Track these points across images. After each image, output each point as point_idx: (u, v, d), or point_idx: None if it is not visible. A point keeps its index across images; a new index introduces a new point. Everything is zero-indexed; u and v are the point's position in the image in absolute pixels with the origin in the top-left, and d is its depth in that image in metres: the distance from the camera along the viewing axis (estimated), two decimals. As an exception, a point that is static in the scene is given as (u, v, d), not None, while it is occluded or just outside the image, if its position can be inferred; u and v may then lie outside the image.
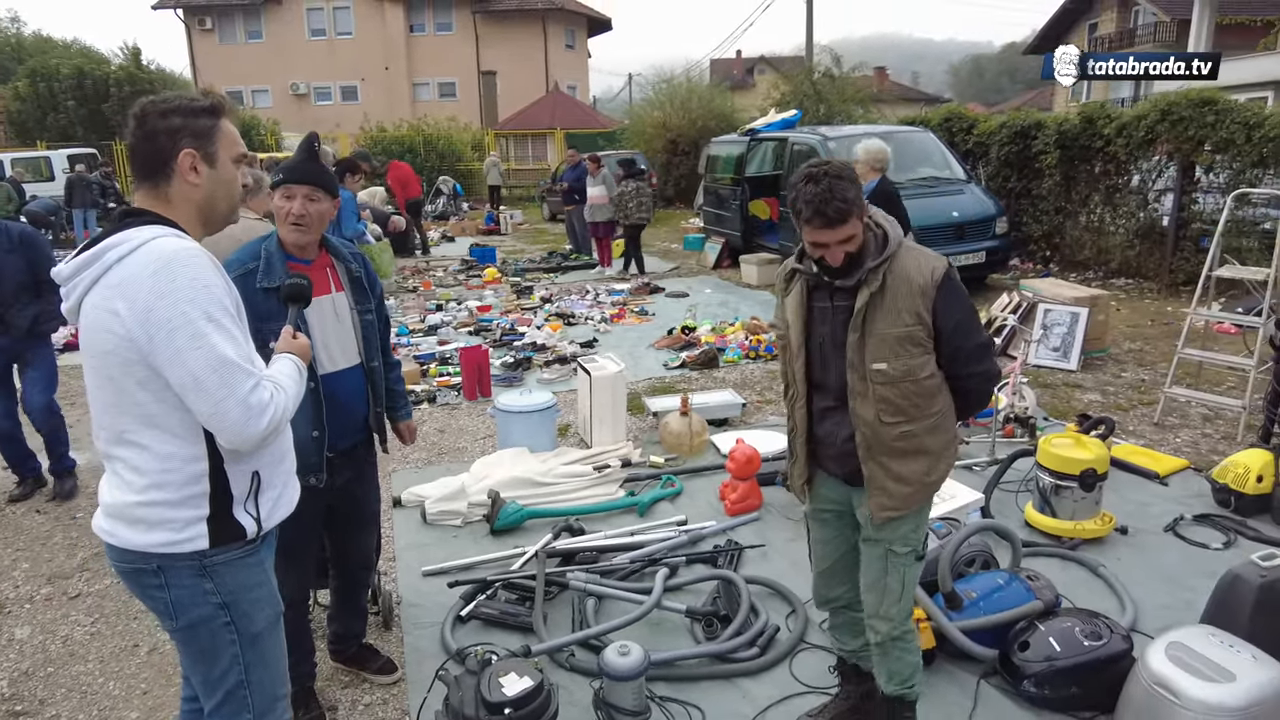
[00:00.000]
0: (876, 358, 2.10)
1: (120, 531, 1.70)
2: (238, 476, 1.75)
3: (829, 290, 2.18)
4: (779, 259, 10.51)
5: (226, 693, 1.83)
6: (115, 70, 26.53)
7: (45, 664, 3.14)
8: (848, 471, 2.27)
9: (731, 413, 5.44)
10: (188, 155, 1.70)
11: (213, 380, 1.59)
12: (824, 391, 2.26)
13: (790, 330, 2.25)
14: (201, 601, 1.75)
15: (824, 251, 2.08)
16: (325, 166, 2.57)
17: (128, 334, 1.59)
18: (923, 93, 46.11)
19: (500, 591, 3.36)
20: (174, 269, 1.59)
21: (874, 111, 19.92)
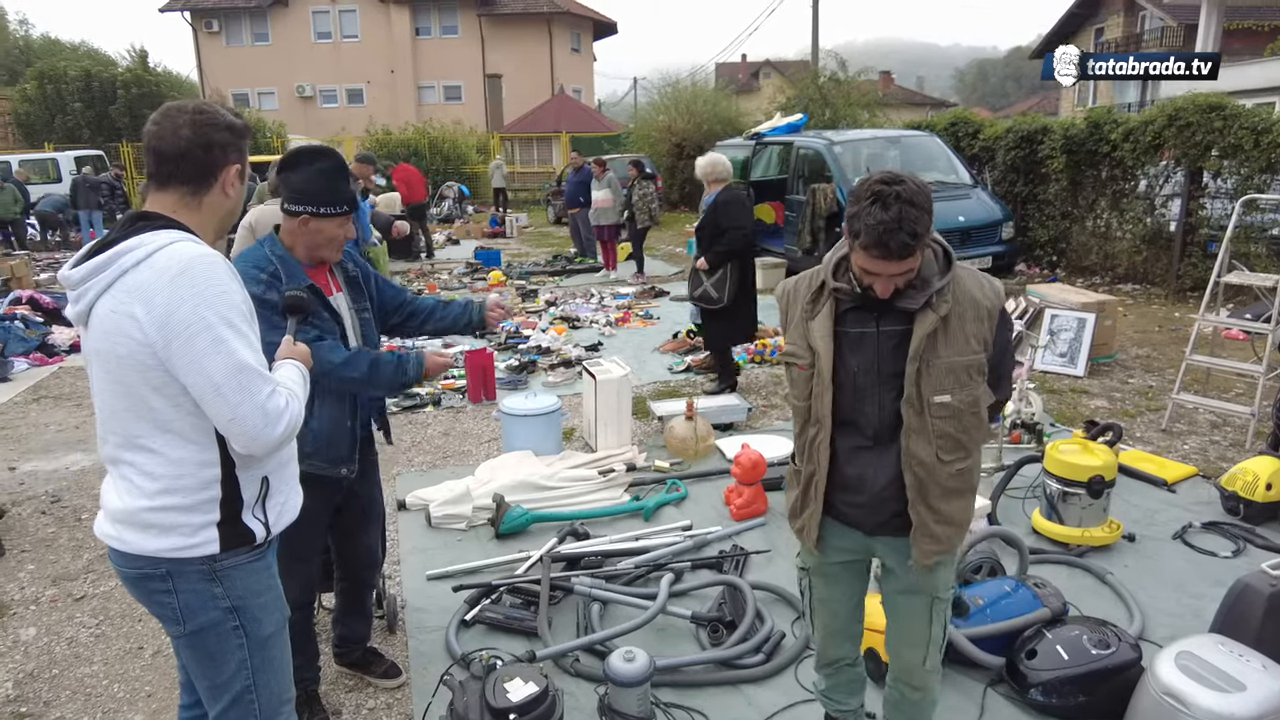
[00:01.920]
0: (940, 389, 1.85)
1: (128, 536, 1.70)
2: (248, 481, 1.75)
3: (873, 313, 1.90)
4: (784, 263, 10.53)
5: (233, 698, 1.82)
6: (122, 73, 26.67)
7: (50, 665, 3.14)
8: (877, 522, 2.00)
9: (737, 417, 5.43)
10: (235, 170, 1.77)
11: (231, 386, 1.60)
12: (855, 430, 1.96)
13: (821, 359, 1.92)
14: (211, 606, 1.75)
15: (873, 280, 1.82)
16: (353, 190, 2.58)
17: (145, 338, 1.59)
18: (928, 97, 46.10)
19: (505, 596, 3.35)
20: (193, 274, 1.59)
21: (879, 116, 19.90)
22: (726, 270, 5.63)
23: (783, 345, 2.08)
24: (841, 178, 9.44)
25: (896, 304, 1.86)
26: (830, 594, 2.21)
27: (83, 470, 5.11)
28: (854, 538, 2.08)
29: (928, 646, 2.10)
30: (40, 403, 6.67)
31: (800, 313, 2.00)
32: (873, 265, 1.79)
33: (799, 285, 2.04)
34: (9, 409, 6.52)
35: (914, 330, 1.85)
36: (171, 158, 1.70)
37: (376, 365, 2.45)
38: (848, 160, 9.77)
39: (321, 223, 2.41)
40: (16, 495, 4.77)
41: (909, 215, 1.73)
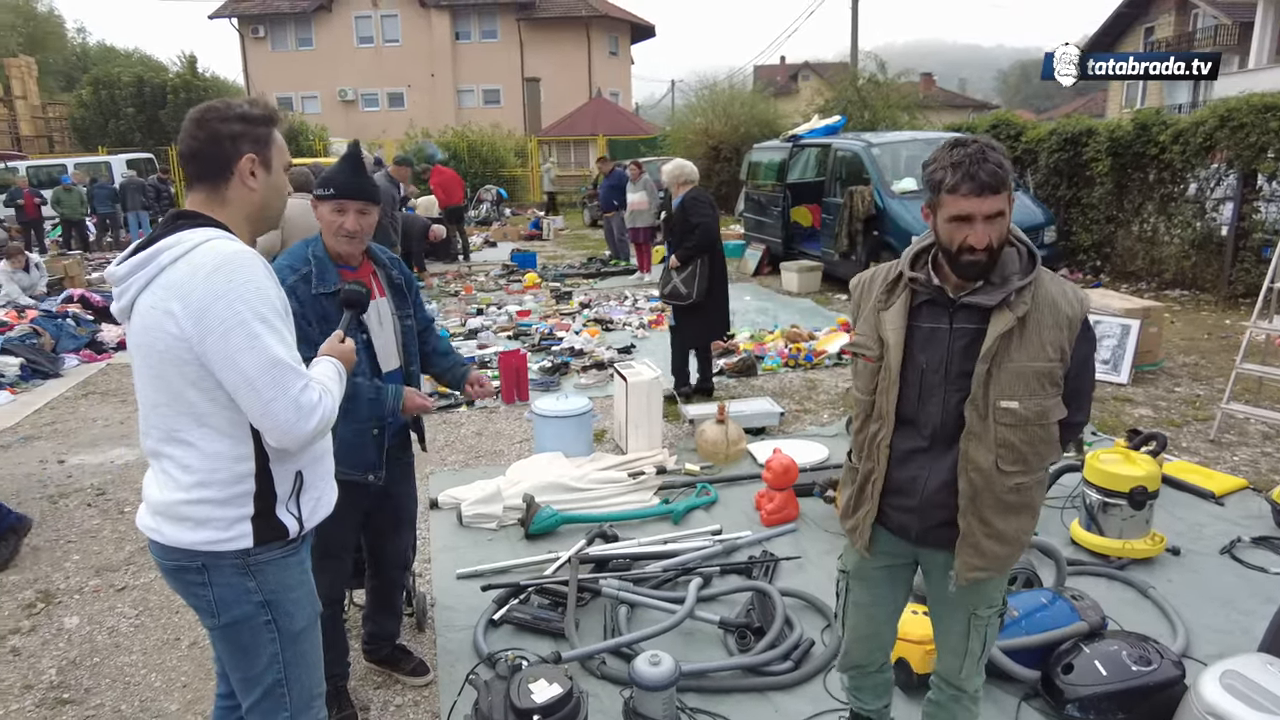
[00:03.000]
0: (1007, 394, 1.78)
1: (166, 529, 1.73)
2: (282, 476, 1.77)
3: (946, 309, 1.84)
4: (820, 266, 10.43)
5: (265, 690, 1.85)
6: (172, 78, 27.41)
7: (92, 654, 3.22)
8: (924, 528, 1.93)
9: (769, 421, 5.38)
10: (249, 160, 1.75)
11: (265, 380, 1.62)
12: (913, 430, 1.90)
13: (890, 352, 1.87)
14: (244, 600, 1.77)
15: (966, 231, 1.72)
16: (373, 179, 2.60)
17: (181, 333, 1.61)
18: (970, 99, 45.43)
19: (533, 596, 3.36)
20: (229, 270, 1.62)
21: (919, 118, 19.66)
22: (696, 267, 5.65)
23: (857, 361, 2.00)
24: (880, 180, 9.33)
25: (973, 299, 1.80)
26: (867, 599, 2.16)
27: (127, 464, 5.24)
28: (900, 544, 2.02)
29: (964, 658, 2.06)
30: (89, 398, 6.87)
31: (873, 304, 1.94)
32: (965, 205, 1.71)
33: (875, 276, 1.99)
34: (59, 404, 6.72)
35: (988, 329, 1.78)
36: (189, 158, 1.74)
37: (354, 397, 2.40)
38: (886, 162, 9.65)
39: (321, 207, 2.46)
40: (65, 487, 4.91)
41: (990, 149, 1.72)
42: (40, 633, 3.38)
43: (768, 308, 9.48)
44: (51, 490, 4.87)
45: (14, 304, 9.17)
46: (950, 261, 1.80)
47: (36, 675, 3.09)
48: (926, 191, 1.81)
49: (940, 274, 1.85)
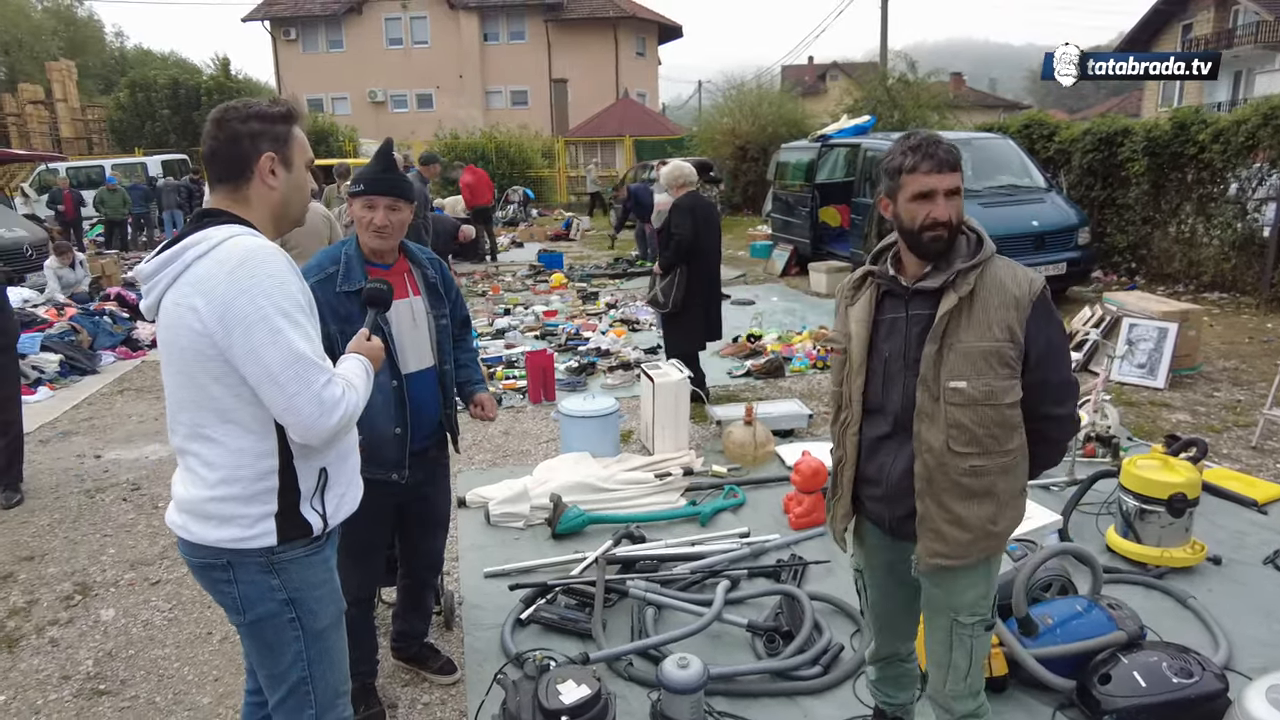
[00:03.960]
0: (955, 374, 1.83)
1: (192, 526, 1.74)
2: (306, 473, 1.77)
3: (904, 298, 1.93)
4: (849, 267, 10.34)
5: (290, 688, 1.86)
6: (206, 80, 27.84)
7: (127, 646, 3.28)
8: (896, 517, 1.99)
9: (798, 424, 5.34)
10: (268, 159, 1.75)
11: (288, 375, 1.62)
12: (880, 417, 1.98)
13: (853, 343, 1.99)
14: (268, 597, 1.77)
15: (928, 208, 1.82)
16: (404, 176, 2.61)
17: (205, 329, 1.62)
18: (1001, 99, 44.84)
19: (560, 596, 3.36)
20: (251, 266, 1.62)
21: (950, 118, 19.42)
22: (675, 275, 5.54)
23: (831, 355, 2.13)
24: (909, 181, 9.22)
25: (923, 284, 1.90)
26: (879, 594, 2.21)
27: (160, 460, 5.32)
28: (887, 540, 2.09)
29: (946, 671, 2.03)
30: (124, 394, 6.99)
31: (843, 301, 2.10)
32: (926, 181, 1.83)
33: (849, 278, 2.12)
34: (96, 400, 6.85)
35: (936, 312, 1.87)
36: (209, 159, 1.75)
37: None
38: (916, 163, 9.53)
39: (354, 204, 2.50)
40: (101, 482, 5.00)
41: (942, 140, 1.87)
42: (78, 624, 3.44)
43: (795, 309, 9.42)
44: (89, 485, 4.97)
45: (54, 302, 9.37)
46: (913, 243, 1.90)
47: (74, 666, 3.15)
48: (886, 183, 1.93)
49: (897, 267, 1.97)
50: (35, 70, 32.41)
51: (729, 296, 10.07)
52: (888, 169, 1.91)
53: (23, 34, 37.39)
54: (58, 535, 4.29)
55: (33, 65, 34.24)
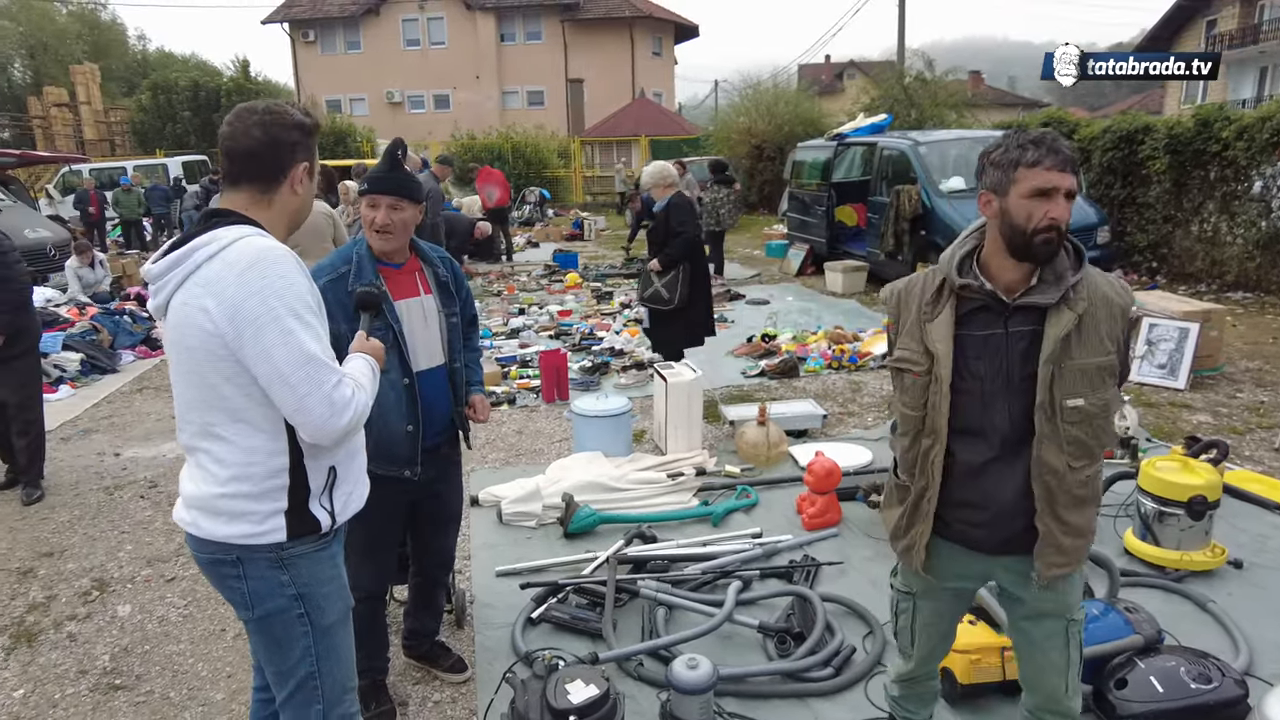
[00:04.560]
0: (1073, 393, 1.74)
1: (202, 522, 1.75)
2: (315, 471, 1.79)
3: (1000, 313, 1.78)
4: (865, 266, 10.28)
5: (298, 683, 1.87)
6: (226, 82, 28.13)
7: (143, 641, 3.31)
8: (1001, 540, 1.87)
9: (811, 424, 5.31)
10: (304, 169, 1.82)
11: (299, 375, 1.63)
12: (979, 440, 1.83)
13: (940, 364, 1.80)
14: (277, 593, 1.79)
15: (1047, 206, 1.69)
16: (410, 175, 2.61)
17: (216, 330, 1.63)
18: (1020, 97, 44.41)
19: (571, 595, 3.36)
20: (262, 267, 1.64)
21: (968, 117, 19.27)
22: (678, 272, 5.54)
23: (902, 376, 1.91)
24: (926, 179, 9.16)
25: (1030, 300, 1.75)
26: (933, 618, 2.10)
27: (178, 458, 5.37)
28: (970, 561, 1.95)
29: (1067, 672, 1.98)
30: (143, 393, 7.07)
31: (915, 315, 1.87)
32: (1049, 178, 1.68)
33: (912, 286, 1.91)
34: (116, 398, 6.93)
35: (1047, 330, 1.74)
36: (242, 157, 1.75)
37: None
38: (933, 161, 9.47)
39: (362, 204, 2.54)
40: (120, 479, 5.06)
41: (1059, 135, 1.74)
42: (95, 620, 3.48)
43: (811, 308, 9.37)
44: (108, 482, 5.03)
45: (75, 301, 9.49)
46: (1020, 245, 1.73)
47: (91, 661, 3.18)
48: (993, 176, 1.76)
49: (990, 277, 1.80)
50: (60, 73, 32.89)
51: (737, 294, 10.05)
52: (998, 161, 1.76)
53: (48, 38, 37.95)
54: (77, 532, 4.35)
55: (57, 68, 34.75)
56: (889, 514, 2.05)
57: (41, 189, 19.43)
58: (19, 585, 3.79)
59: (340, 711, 1.93)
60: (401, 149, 2.65)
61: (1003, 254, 1.78)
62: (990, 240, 1.81)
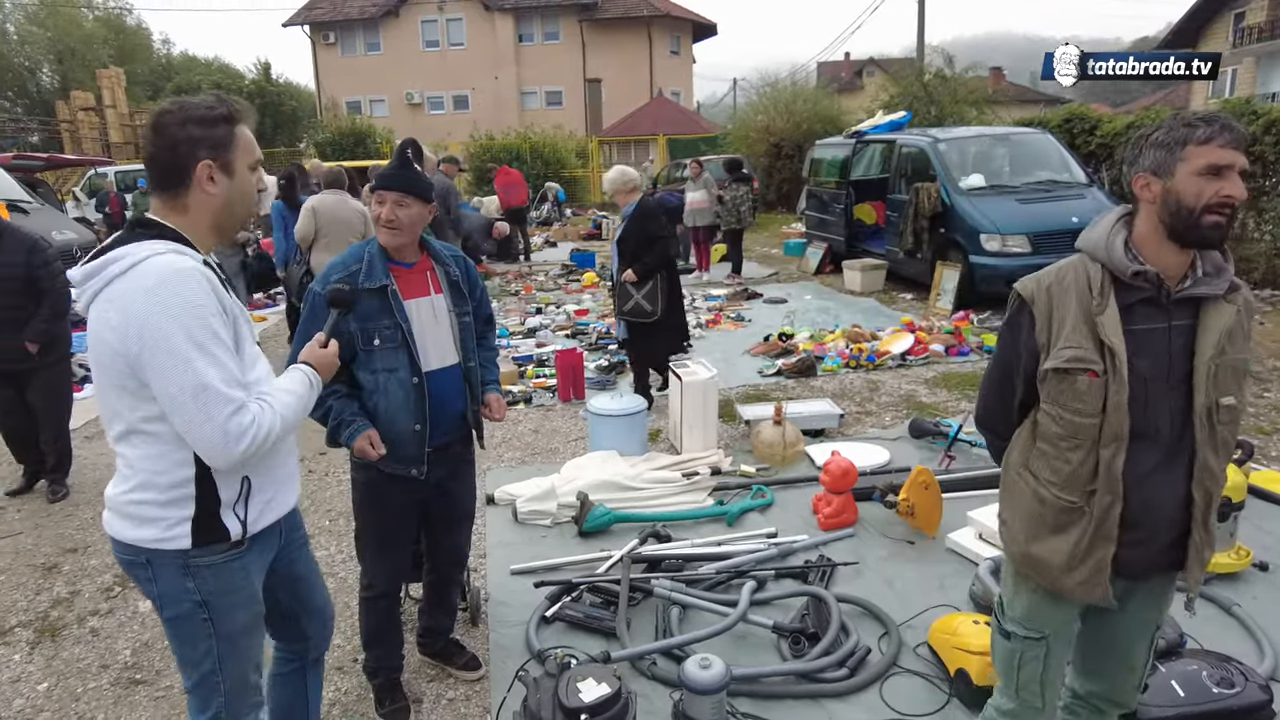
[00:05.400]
0: (1225, 391, 1.67)
1: (114, 524, 1.78)
2: (226, 482, 1.78)
3: (1162, 306, 1.68)
4: (884, 265, 10.20)
5: (201, 676, 1.89)
6: (248, 84, 28.47)
7: (161, 637, 3.33)
8: (1152, 555, 1.75)
9: (828, 424, 5.28)
10: (205, 166, 1.72)
11: (191, 405, 1.63)
12: (1148, 445, 1.69)
13: (1118, 360, 1.66)
14: (183, 598, 1.80)
15: (1221, 184, 1.59)
16: (418, 174, 2.62)
17: (122, 346, 1.63)
18: (1041, 93, 43.82)
19: (585, 594, 3.36)
20: (163, 290, 1.62)
21: (988, 113, 19.06)
22: (656, 281, 5.41)
23: (1073, 377, 1.73)
24: (946, 176, 9.08)
25: (1196, 291, 1.67)
26: (1061, 658, 1.94)
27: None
28: (1114, 587, 1.78)
29: (1142, 670, 1.94)
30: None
31: (1078, 310, 1.71)
32: (1224, 155, 1.59)
33: (1064, 279, 1.76)
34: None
35: (1206, 323, 1.66)
36: (147, 164, 1.74)
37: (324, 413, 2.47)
38: (953, 158, 9.38)
39: (372, 199, 2.57)
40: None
41: None
42: (117, 615, 3.53)
43: (829, 307, 9.32)
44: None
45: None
46: (1186, 228, 1.63)
47: (113, 655, 3.23)
48: (1154, 157, 1.66)
49: None
50: (86, 77, 33.35)
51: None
52: (1162, 141, 1.65)
53: (75, 43, 38.50)
54: (99, 528, 4.39)
55: (84, 73, 35.24)
56: (1043, 546, 1.81)
57: (68, 192, 19.74)
58: (44, 580, 3.85)
59: (246, 701, 1.95)
60: (412, 148, 2.66)
61: (1162, 241, 1.68)
62: (1146, 227, 1.70)
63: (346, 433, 2.46)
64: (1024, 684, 1.93)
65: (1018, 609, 1.91)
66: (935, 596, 3.35)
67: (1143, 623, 1.89)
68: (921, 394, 6.02)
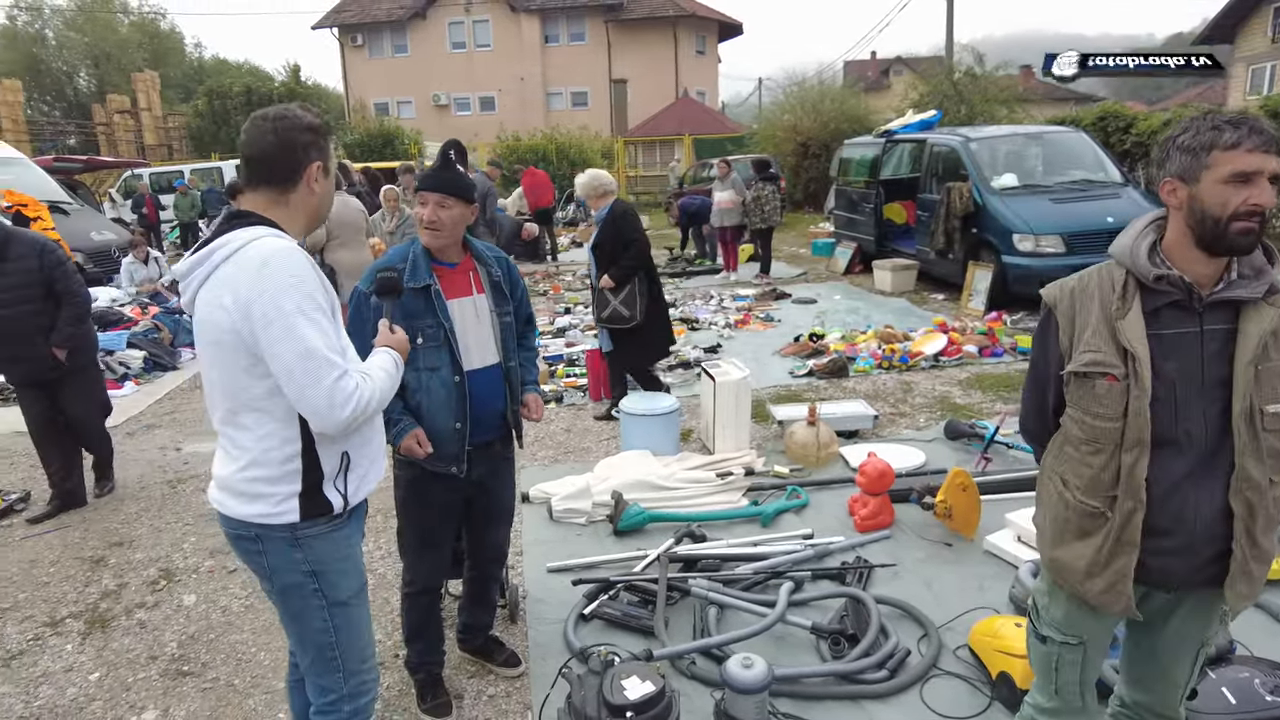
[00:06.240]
0: (1270, 398, 1.62)
1: (226, 501, 1.89)
2: (329, 456, 1.90)
3: (1193, 310, 1.65)
4: (915, 265, 10.12)
5: (318, 651, 2.00)
6: (278, 86, 28.82)
7: (208, 630, 3.41)
8: (1191, 569, 1.70)
9: (862, 425, 5.25)
10: (317, 167, 1.90)
11: (300, 369, 1.73)
12: (1174, 452, 1.66)
13: (1140, 364, 1.64)
14: (293, 569, 1.92)
15: (1247, 192, 1.55)
16: (460, 174, 2.64)
17: (233, 325, 1.75)
18: (1073, 91, 43.17)
19: (622, 593, 3.37)
20: (273, 266, 1.75)
21: (1019, 112, 18.85)
22: (634, 285, 5.31)
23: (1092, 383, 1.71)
24: (978, 176, 8.99)
25: (1230, 294, 1.62)
26: (1097, 664, 1.92)
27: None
28: (1146, 598, 1.77)
29: (1186, 685, 1.91)
30: (201, 390, 7.26)
31: (1100, 314, 1.70)
32: (1251, 160, 1.54)
33: (1086, 283, 1.76)
34: (176, 395, 7.16)
35: (1246, 327, 1.62)
36: (258, 162, 1.86)
37: (430, 391, 2.56)
38: (984, 158, 9.29)
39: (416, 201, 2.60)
40: (182, 473, 5.22)
41: None
42: (163, 608, 3.60)
43: (859, 307, 9.27)
44: (170, 475, 5.19)
45: (135, 300, 9.80)
46: (1214, 236, 1.60)
47: (160, 647, 3.30)
48: (1180, 162, 1.63)
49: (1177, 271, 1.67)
50: (122, 81, 34.01)
51: None
52: (1187, 145, 1.61)
53: (111, 48, 39.27)
54: (143, 523, 4.50)
55: (119, 76, 35.93)
56: (1067, 550, 1.80)
57: (104, 193, 20.13)
58: (92, 573, 3.94)
59: (358, 680, 2.05)
60: (455, 149, 2.69)
61: (1190, 247, 1.64)
62: (1174, 232, 1.67)
63: (394, 431, 2.50)
64: (1063, 685, 1.92)
65: (1054, 613, 1.89)
66: (974, 599, 3.32)
67: (1185, 638, 1.84)
68: (955, 395, 5.97)
